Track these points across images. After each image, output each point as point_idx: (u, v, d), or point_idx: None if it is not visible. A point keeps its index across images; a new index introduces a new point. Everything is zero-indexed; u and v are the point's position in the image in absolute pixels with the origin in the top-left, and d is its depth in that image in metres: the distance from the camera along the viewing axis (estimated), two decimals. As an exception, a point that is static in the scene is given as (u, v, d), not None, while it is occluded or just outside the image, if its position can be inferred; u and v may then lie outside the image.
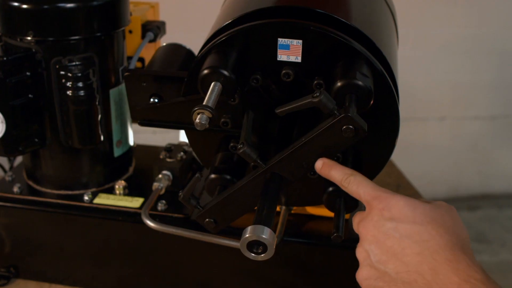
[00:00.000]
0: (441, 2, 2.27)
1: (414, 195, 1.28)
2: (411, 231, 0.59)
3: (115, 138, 0.97)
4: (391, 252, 0.59)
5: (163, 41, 0.99)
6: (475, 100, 2.48)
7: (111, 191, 0.96)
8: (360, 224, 0.63)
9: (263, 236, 0.62)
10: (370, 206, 0.63)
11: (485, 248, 2.32)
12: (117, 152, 0.98)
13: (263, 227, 0.63)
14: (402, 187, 1.31)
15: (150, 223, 0.85)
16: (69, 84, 0.86)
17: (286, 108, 0.66)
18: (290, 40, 0.70)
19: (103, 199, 0.94)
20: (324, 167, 0.67)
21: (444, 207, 0.62)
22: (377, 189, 0.63)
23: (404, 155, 1.91)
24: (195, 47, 0.80)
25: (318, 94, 0.62)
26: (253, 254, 0.65)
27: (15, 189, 0.96)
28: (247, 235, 0.63)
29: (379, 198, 0.62)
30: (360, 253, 0.63)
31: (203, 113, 0.64)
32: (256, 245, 0.64)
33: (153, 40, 1.00)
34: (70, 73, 0.86)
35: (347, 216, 0.88)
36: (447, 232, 0.58)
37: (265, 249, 0.64)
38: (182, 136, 0.83)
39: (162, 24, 1.03)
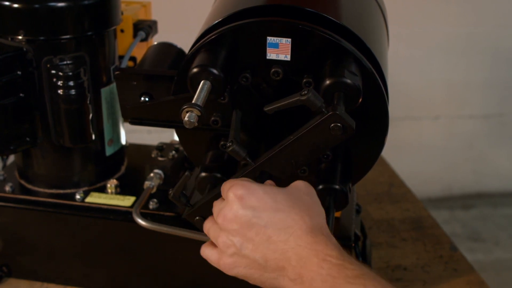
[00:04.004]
0: (435, 1, 2.27)
1: (406, 194, 1.28)
2: (275, 219, 0.61)
3: (106, 137, 0.97)
4: (258, 241, 0.61)
5: (155, 40, 0.99)
6: (469, 99, 2.48)
7: (103, 190, 0.96)
8: (220, 213, 0.64)
9: None
10: (227, 195, 0.64)
11: (480, 246, 2.32)
12: (108, 151, 0.98)
13: None
14: (394, 186, 1.32)
15: (141, 222, 0.85)
16: (60, 83, 0.86)
17: (275, 106, 0.66)
18: (279, 38, 0.70)
19: (94, 198, 0.94)
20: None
21: (302, 188, 0.65)
22: (232, 180, 0.65)
23: (398, 154, 1.92)
24: (187, 46, 0.81)
25: (306, 92, 0.63)
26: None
27: (7, 188, 0.96)
28: None
29: (236, 185, 0.63)
30: (223, 242, 0.63)
31: (191, 111, 0.64)
32: None
33: (144, 39, 1.00)
34: (61, 72, 0.86)
35: (337, 214, 0.88)
36: (308, 214, 0.62)
37: None
38: (176, 135, 0.83)
39: (154, 23, 1.03)
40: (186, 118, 0.65)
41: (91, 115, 0.90)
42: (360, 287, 0.55)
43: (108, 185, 0.95)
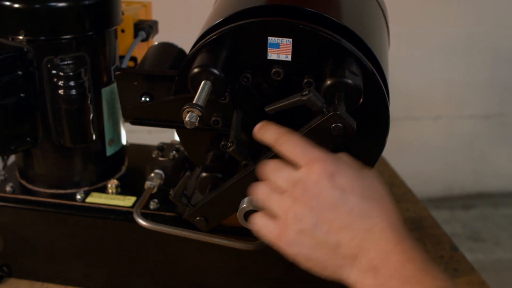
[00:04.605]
0: (435, 1, 2.27)
1: (406, 194, 1.28)
2: (361, 206, 0.57)
3: (107, 137, 0.97)
4: (336, 225, 0.57)
5: (156, 40, 0.99)
6: (469, 99, 2.48)
7: (103, 190, 0.96)
8: (298, 183, 0.59)
9: None
10: (312, 167, 0.59)
11: (480, 246, 2.32)
12: (109, 151, 0.98)
13: None
14: (395, 185, 1.32)
15: (142, 222, 0.85)
16: (60, 83, 0.86)
17: (276, 106, 0.66)
18: (280, 38, 0.70)
19: (95, 198, 0.94)
20: (261, 130, 0.63)
21: (377, 180, 0.61)
22: (320, 150, 0.60)
23: (399, 154, 1.92)
24: (188, 46, 0.81)
25: (307, 92, 0.63)
26: (249, 224, 0.66)
27: (8, 188, 0.96)
28: (244, 205, 0.67)
29: (325, 160, 0.59)
30: (294, 215, 0.58)
31: (192, 111, 0.65)
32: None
33: (145, 39, 1.00)
34: (62, 72, 0.86)
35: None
36: (392, 210, 0.58)
37: None
38: (177, 135, 0.83)
39: (155, 23, 1.03)
40: (187, 118, 0.65)
41: (91, 115, 0.90)
42: None
43: (109, 185, 0.95)
